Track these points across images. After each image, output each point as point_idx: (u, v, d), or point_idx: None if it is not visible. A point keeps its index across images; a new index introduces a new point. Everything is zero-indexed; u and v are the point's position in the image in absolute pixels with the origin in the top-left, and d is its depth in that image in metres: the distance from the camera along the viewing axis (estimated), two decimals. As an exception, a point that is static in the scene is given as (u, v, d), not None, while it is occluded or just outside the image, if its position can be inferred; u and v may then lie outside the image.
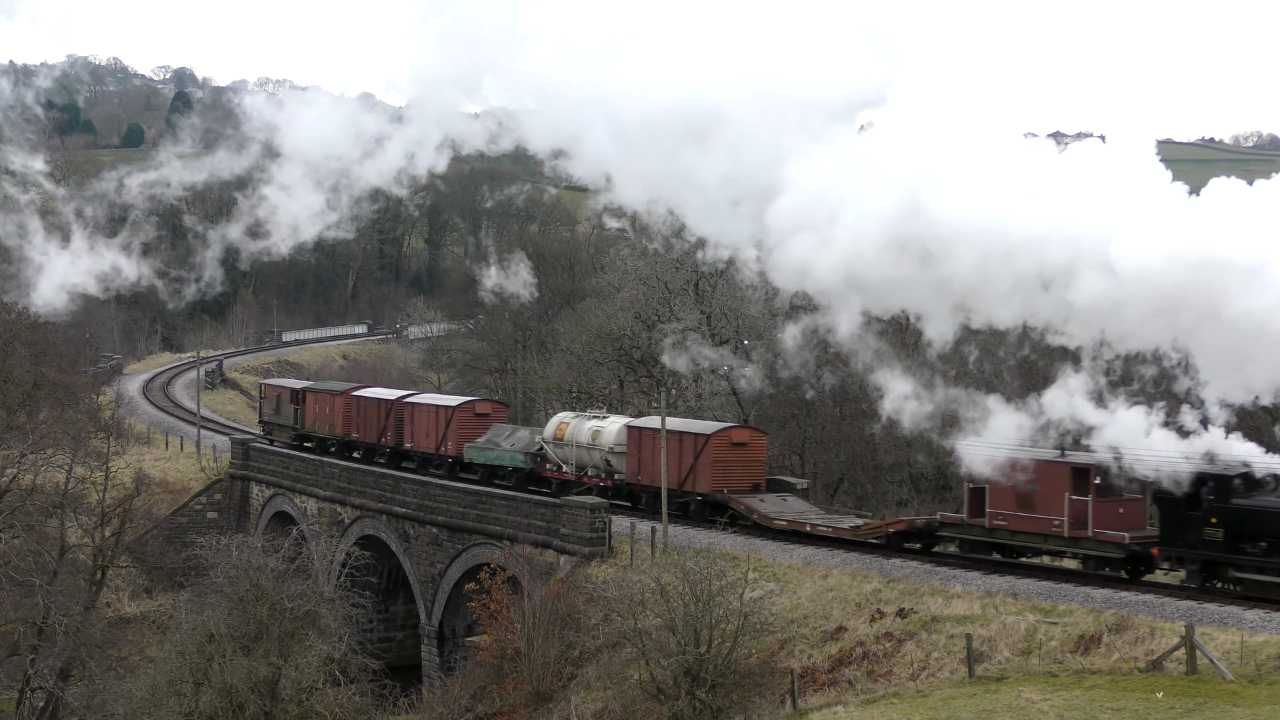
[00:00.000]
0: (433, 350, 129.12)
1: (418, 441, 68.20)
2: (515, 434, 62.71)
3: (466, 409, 66.56)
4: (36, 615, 51.48)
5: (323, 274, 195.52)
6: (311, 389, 79.72)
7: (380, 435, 71.37)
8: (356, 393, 74.90)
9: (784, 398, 71.80)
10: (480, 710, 45.44)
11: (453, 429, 65.74)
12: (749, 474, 52.40)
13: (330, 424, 75.33)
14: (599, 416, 58.49)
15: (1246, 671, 31.66)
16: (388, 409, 70.82)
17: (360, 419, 73.00)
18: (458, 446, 65.22)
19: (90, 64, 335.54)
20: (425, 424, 67.49)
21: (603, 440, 56.65)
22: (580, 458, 57.89)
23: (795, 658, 39.22)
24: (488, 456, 62.82)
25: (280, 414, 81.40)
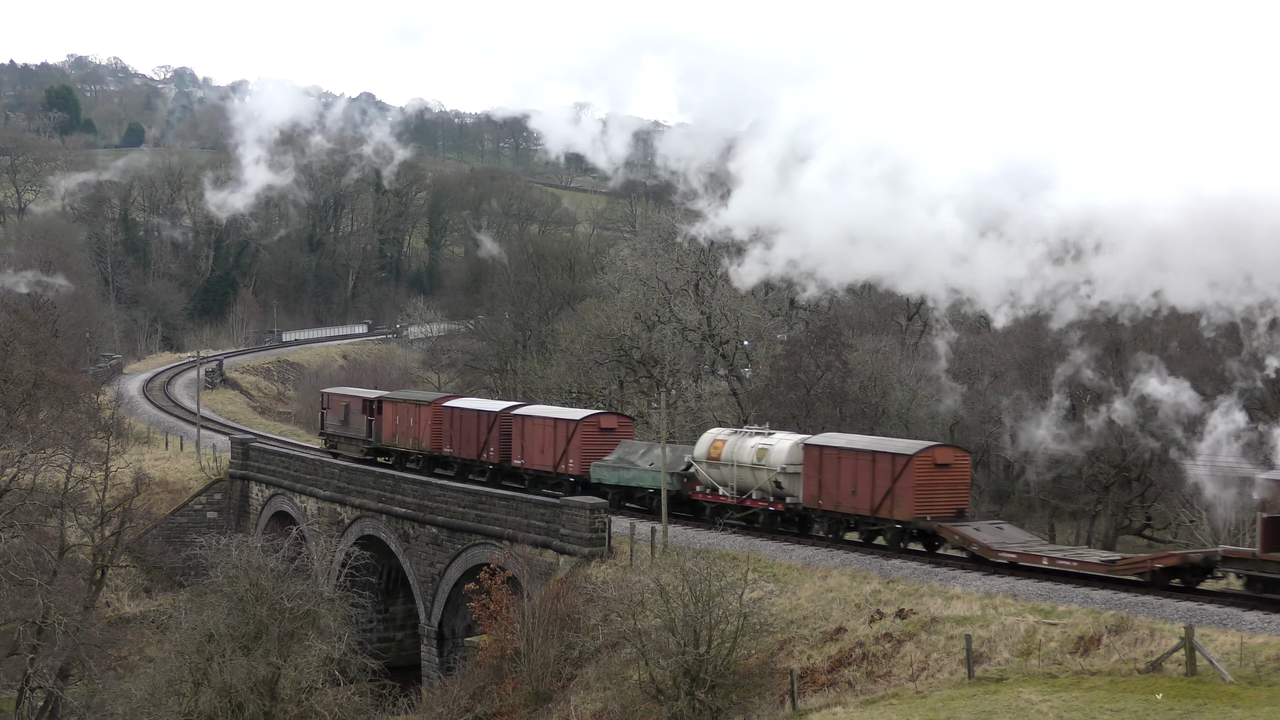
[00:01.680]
0: (433, 350, 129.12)
1: (529, 458, 61.76)
2: (652, 452, 56.17)
3: (590, 423, 60.09)
4: (36, 615, 51.48)
5: (323, 274, 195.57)
6: (390, 399, 73.06)
7: (481, 451, 65.06)
8: (449, 403, 68.87)
9: (784, 398, 71.77)
10: (480, 710, 45.43)
11: (575, 445, 59.44)
12: (953, 498, 46.73)
13: (414, 437, 69.28)
14: (762, 433, 52.81)
15: (1246, 673, 31.66)
16: (490, 422, 64.52)
17: (454, 432, 66.86)
18: (582, 465, 59.07)
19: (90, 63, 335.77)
20: (539, 439, 61.03)
21: (771, 460, 50.71)
22: (742, 479, 51.83)
23: (795, 658, 39.20)
24: (621, 477, 56.44)
25: (349, 425, 75.09)
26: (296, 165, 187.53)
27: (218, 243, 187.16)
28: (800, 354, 73.08)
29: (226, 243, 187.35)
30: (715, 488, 52.80)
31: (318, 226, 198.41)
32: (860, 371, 73.25)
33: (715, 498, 52.80)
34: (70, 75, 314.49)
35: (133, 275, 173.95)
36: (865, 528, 47.57)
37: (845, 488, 47.28)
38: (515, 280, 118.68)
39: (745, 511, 51.50)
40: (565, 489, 58.46)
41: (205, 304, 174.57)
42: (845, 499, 47.32)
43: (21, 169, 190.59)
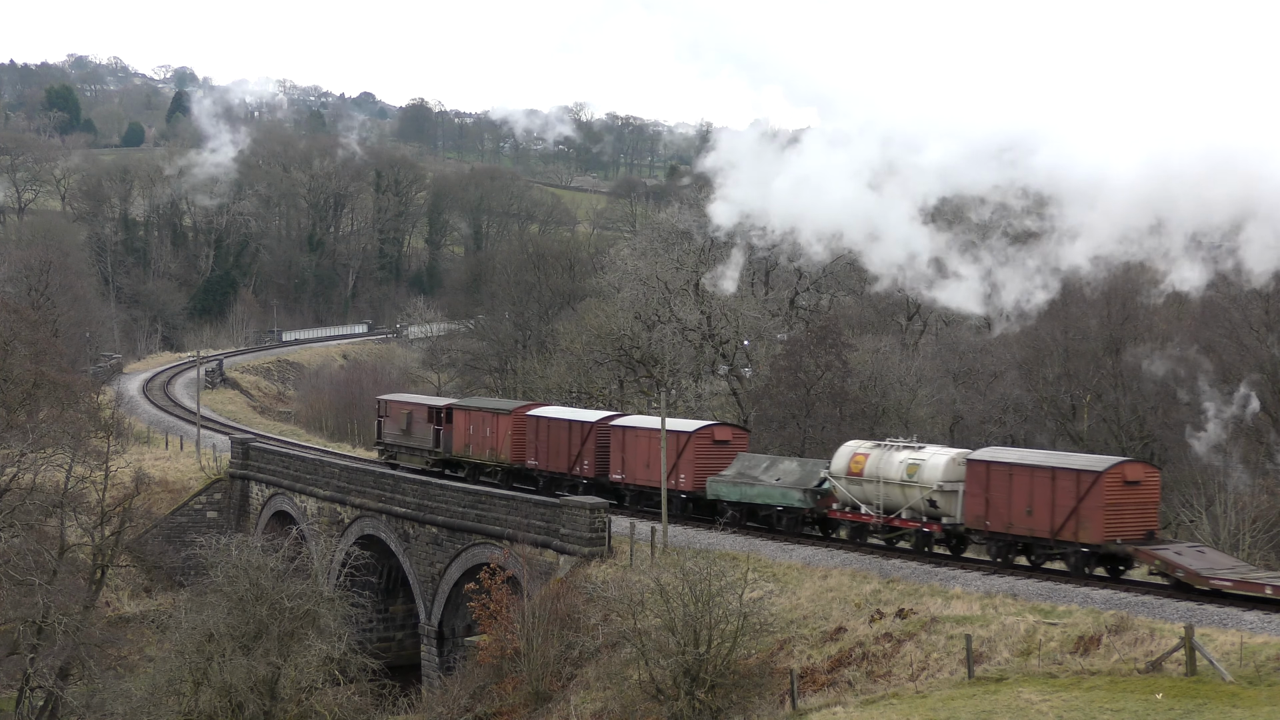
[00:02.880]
0: (433, 350, 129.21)
1: (632, 473, 57.23)
2: (778, 466, 52.29)
3: (704, 435, 55.25)
4: (36, 614, 51.47)
5: (323, 273, 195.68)
6: (461, 406, 68.16)
7: (573, 464, 60.37)
8: (534, 412, 63.56)
9: (784, 398, 71.79)
10: (480, 710, 45.44)
11: (687, 459, 54.98)
12: (1143, 519, 42.77)
13: (492, 448, 64.41)
14: (911, 447, 48.22)
15: (1246, 673, 31.67)
16: (585, 433, 59.65)
17: (541, 444, 61.99)
18: (696, 480, 54.60)
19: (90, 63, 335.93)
20: (644, 452, 56.58)
21: (924, 476, 46.09)
22: (890, 497, 47.12)
23: (795, 658, 39.21)
24: (745, 493, 52.08)
25: (412, 435, 70.33)
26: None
27: (218, 242, 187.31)
28: (800, 354, 73.08)
29: (227, 242, 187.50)
30: (856, 506, 48.17)
31: (318, 226, 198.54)
32: (860, 371, 73.28)
33: (856, 516, 48.20)
34: (70, 75, 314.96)
35: (133, 275, 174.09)
36: (1042, 551, 43.48)
37: (1018, 507, 43.05)
38: (515, 280, 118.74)
39: (894, 532, 47.29)
40: (677, 506, 54.81)
41: (205, 304, 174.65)
42: (1018, 520, 43.07)
43: (21, 169, 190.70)
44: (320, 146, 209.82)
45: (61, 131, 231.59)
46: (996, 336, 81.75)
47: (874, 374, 73.96)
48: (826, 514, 49.86)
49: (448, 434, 67.66)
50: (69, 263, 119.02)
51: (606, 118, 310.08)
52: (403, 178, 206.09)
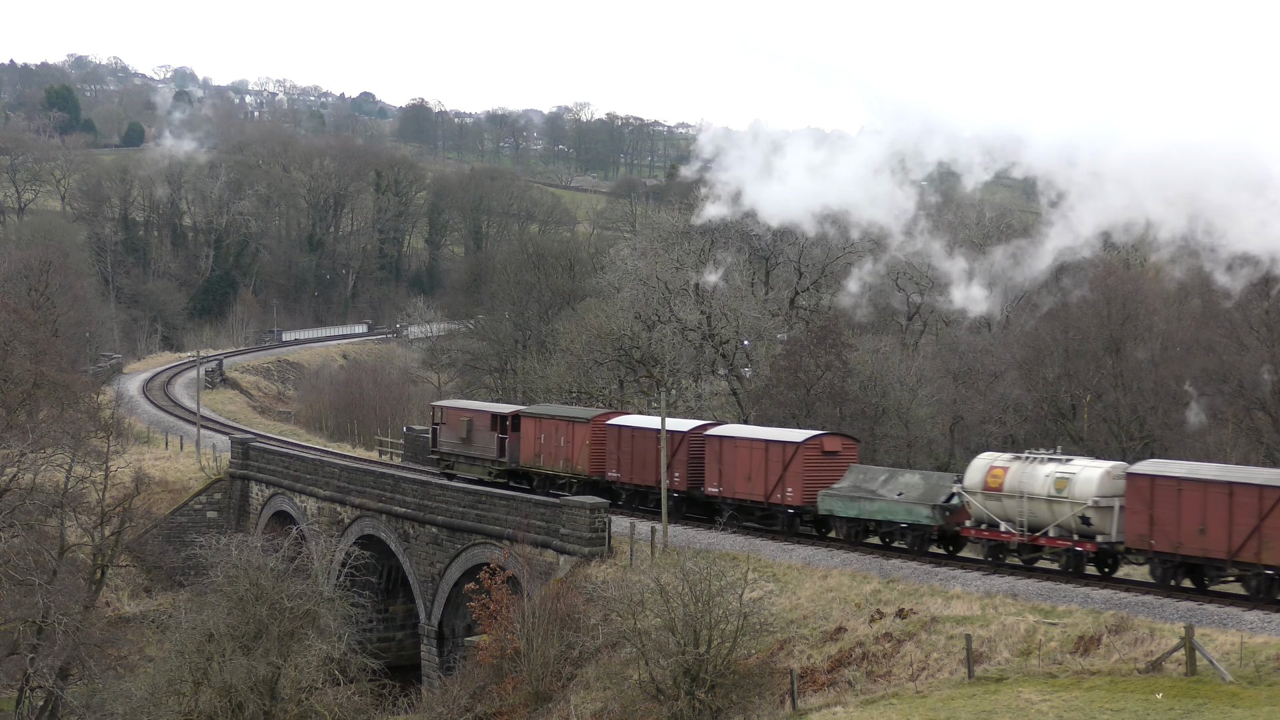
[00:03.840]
0: (433, 350, 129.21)
1: (731, 485, 53.05)
2: (898, 479, 48.70)
3: (813, 445, 51.13)
4: (36, 614, 51.45)
5: (323, 274, 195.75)
6: (530, 414, 63.53)
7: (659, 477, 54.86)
8: (616, 421, 59.32)
9: (784, 397, 71.81)
10: (480, 710, 45.45)
11: (794, 471, 50.91)
12: None
13: (566, 459, 60.31)
14: (1056, 459, 44.48)
15: (1246, 673, 31.68)
16: (676, 443, 55.29)
17: (624, 454, 57.78)
18: (804, 494, 50.54)
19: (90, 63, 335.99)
20: (745, 463, 52.54)
21: (1076, 491, 42.61)
22: (1035, 513, 43.51)
23: (795, 658, 39.22)
24: (862, 509, 48.23)
25: (473, 444, 66.09)
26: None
27: (218, 242, 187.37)
28: (800, 354, 73.10)
29: (226, 242, 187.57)
30: (995, 523, 44.47)
31: (318, 226, 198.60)
32: (860, 371, 73.31)
33: (994, 534, 44.41)
34: (70, 75, 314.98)
35: (133, 275, 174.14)
36: (1215, 573, 40.16)
37: (1188, 526, 39.75)
38: (515, 280, 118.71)
39: (1036, 551, 43.95)
40: (782, 523, 51.21)
41: (205, 304, 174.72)
42: (1189, 539, 39.76)
43: (21, 169, 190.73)
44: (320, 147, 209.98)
45: (61, 131, 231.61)
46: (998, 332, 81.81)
47: (874, 374, 73.99)
48: (958, 531, 46.09)
49: (514, 443, 63.45)
50: (69, 263, 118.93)
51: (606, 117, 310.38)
52: (402, 178, 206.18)
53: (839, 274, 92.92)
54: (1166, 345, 71.90)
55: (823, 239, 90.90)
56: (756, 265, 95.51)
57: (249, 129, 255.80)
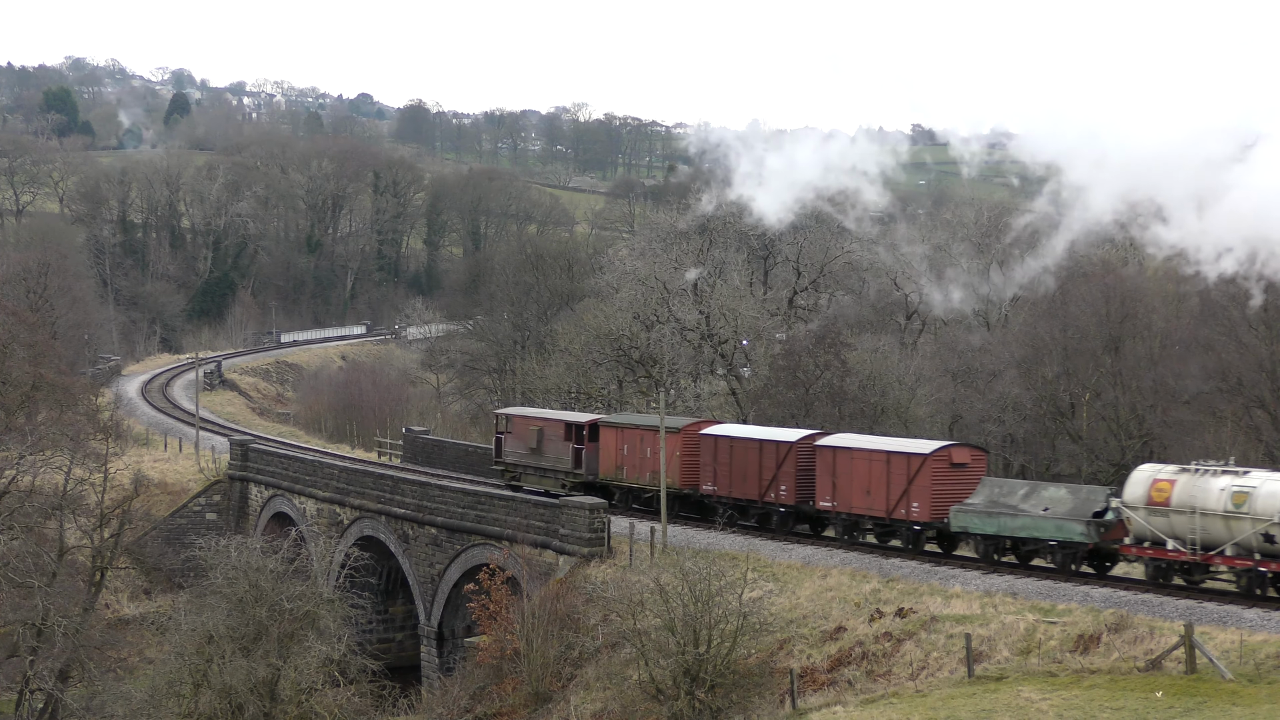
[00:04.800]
0: (431, 351, 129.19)
1: (847, 499, 49.46)
2: (1040, 493, 45.16)
3: (941, 457, 47.48)
4: (35, 617, 51.42)
5: (321, 275, 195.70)
6: (610, 423, 59.91)
7: (765, 489, 52.48)
8: (709, 430, 55.76)
9: (783, 397, 71.82)
10: (479, 711, 45.46)
11: (920, 485, 47.31)
12: None
13: (654, 471, 55.74)
14: (1231, 471, 40.64)
15: (1246, 670, 31.69)
16: (782, 454, 51.99)
17: (720, 466, 54.26)
18: (933, 508, 46.77)
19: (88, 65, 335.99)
20: (863, 476, 49.08)
21: (1258, 507, 38.75)
22: (1208, 531, 39.96)
23: (794, 658, 39.23)
24: (1003, 525, 44.47)
25: (544, 455, 62.10)
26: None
27: (216, 244, 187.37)
28: (799, 353, 73.13)
29: (225, 244, 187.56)
30: (1160, 541, 40.89)
31: (316, 227, 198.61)
32: (859, 370, 73.34)
33: (1160, 553, 40.78)
34: (68, 77, 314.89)
35: (131, 277, 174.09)
36: None
37: None
38: (514, 281, 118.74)
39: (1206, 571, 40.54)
40: (908, 539, 47.68)
41: (204, 305, 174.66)
42: None
43: (19, 171, 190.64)
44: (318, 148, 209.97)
45: (59, 134, 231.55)
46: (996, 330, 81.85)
47: (873, 373, 74.01)
48: (1115, 549, 42.77)
49: (591, 454, 59.66)
50: (67, 265, 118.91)
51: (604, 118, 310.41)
52: (401, 179, 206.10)
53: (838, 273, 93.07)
54: (1165, 343, 71.92)
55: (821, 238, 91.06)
56: (755, 265, 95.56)
57: (247, 130, 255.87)
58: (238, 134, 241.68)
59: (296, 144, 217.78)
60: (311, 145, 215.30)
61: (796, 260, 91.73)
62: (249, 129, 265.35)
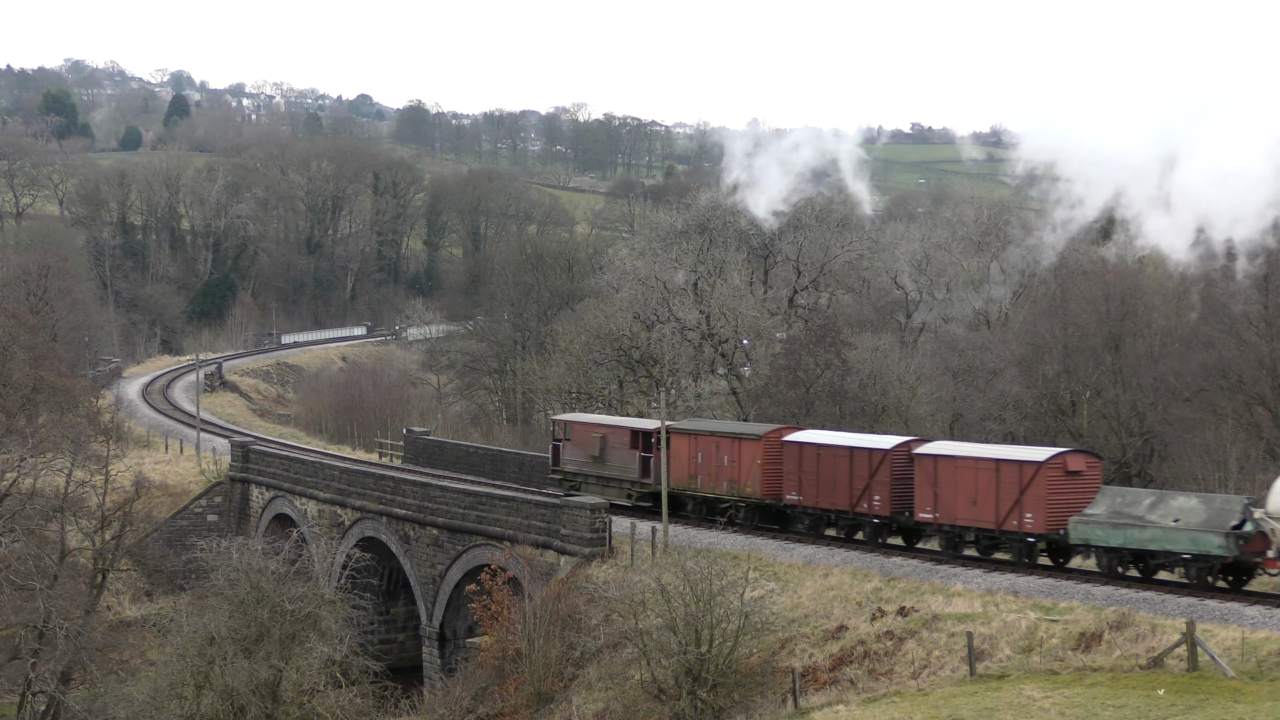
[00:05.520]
0: (432, 351, 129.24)
1: (948, 510, 46.22)
2: (1168, 503, 42.14)
3: (1057, 465, 44.42)
4: (37, 619, 51.44)
5: (321, 276, 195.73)
6: (682, 430, 56.34)
7: (857, 500, 49.39)
8: (793, 437, 52.38)
9: (783, 396, 71.82)
10: (481, 711, 45.47)
11: (1034, 494, 44.23)
12: None
13: (731, 480, 53.45)
14: None
15: (1248, 668, 31.68)
16: (876, 462, 48.91)
17: (806, 475, 51.09)
18: (1049, 519, 43.64)
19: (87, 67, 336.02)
20: (968, 486, 45.92)
21: None
22: None
23: (796, 657, 39.23)
24: (1130, 537, 41.59)
25: (607, 463, 59.16)
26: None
27: (216, 245, 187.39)
28: (800, 352, 73.13)
29: (225, 245, 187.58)
30: None
31: (316, 228, 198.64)
32: (860, 369, 73.36)
33: None
34: (67, 79, 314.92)
35: (131, 279, 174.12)
36: None
37: None
38: (514, 281, 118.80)
39: None
40: (1019, 552, 44.34)
41: (204, 307, 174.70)
42: None
43: (19, 174, 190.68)
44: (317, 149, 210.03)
45: (59, 136, 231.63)
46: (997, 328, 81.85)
47: (873, 372, 74.02)
48: (1256, 563, 40.01)
49: (659, 462, 56.05)
50: (67, 267, 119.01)
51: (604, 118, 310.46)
52: (400, 179, 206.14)
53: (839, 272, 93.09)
54: (1165, 341, 71.91)
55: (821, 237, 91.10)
56: (755, 264, 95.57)
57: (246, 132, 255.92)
58: (237, 135, 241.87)
59: (296, 145, 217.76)
60: (311, 146, 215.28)
61: (797, 259, 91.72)
62: (248, 130, 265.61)
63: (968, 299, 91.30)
